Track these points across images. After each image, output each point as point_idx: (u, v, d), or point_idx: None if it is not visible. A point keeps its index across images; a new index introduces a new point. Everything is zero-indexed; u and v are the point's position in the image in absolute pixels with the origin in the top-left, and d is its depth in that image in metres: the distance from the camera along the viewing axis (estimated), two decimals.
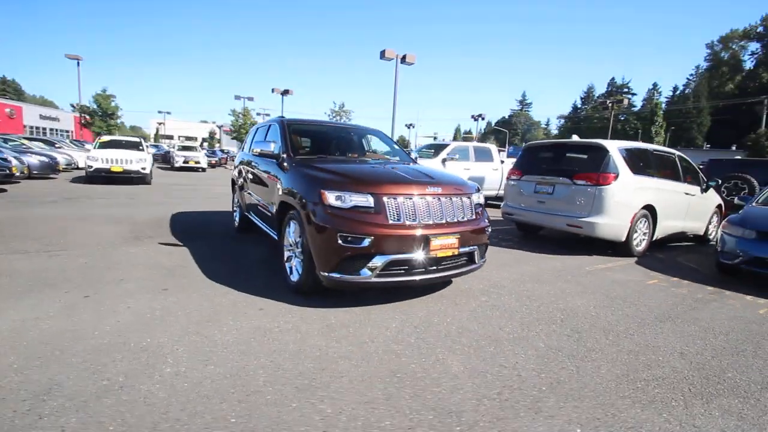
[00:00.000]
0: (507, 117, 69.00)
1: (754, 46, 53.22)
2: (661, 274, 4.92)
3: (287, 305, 3.22)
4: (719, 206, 7.41)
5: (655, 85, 65.25)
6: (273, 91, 28.01)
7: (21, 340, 2.42)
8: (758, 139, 37.25)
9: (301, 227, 3.26)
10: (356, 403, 2.00)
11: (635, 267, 5.23)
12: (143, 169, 12.08)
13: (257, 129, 5.71)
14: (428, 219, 3.16)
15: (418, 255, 3.09)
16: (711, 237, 7.31)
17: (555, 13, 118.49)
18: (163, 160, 24.82)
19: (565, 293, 3.97)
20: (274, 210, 3.91)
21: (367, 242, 2.94)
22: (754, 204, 5.22)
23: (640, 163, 5.82)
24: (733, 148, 42.61)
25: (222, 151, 33.05)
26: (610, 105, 30.07)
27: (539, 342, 2.83)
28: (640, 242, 5.80)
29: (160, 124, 57.69)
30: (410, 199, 3.13)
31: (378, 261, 2.99)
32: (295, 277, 3.49)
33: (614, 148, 5.62)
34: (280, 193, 3.76)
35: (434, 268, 3.23)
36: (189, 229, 6.08)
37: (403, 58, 17.78)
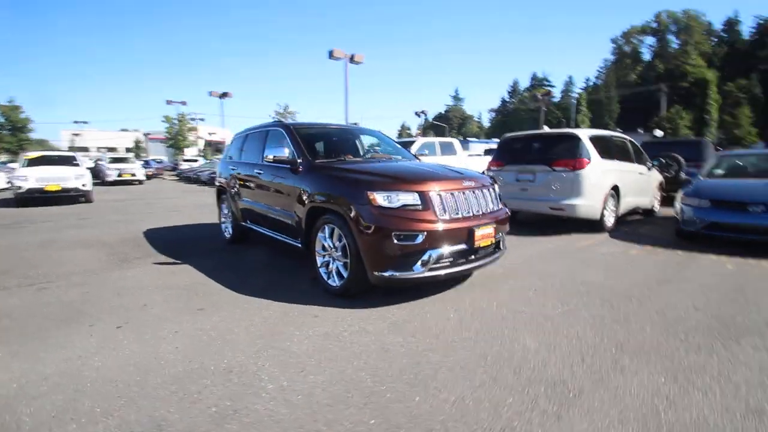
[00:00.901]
0: (443, 112, 71.83)
1: (650, 40, 60.64)
2: (637, 245, 5.57)
3: (336, 309, 3.20)
4: (660, 183, 8.49)
5: (570, 78, 71.55)
6: (210, 94, 26.46)
7: (81, 382, 2.19)
8: (660, 121, 42.57)
9: (345, 230, 3.25)
10: (471, 388, 2.11)
11: (612, 241, 5.85)
12: (83, 186, 10.90)
13: (246, 136, 5.48)
14: (468, 211, 3.33)
15: (464, 246, 3.25)
16: (656, 210, 8.36)
17: (478, 10, 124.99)
18: (92, 174, 22.42)
19: (573, 269, 4.36)
20: (300, 217, 3.82)
21: (420, 238, 3.03)
22: (701, 177, 6.09)
23: (604, 148, 6.50)
24: (639, 131, 48.28)
25: (155, 161, 30.51)
26: (541, 97, 32.54)
27: (583, 313, 3.13)
28: (609, 219, 6.49)
29: (75, 135, 51.61)
30: (451, 194, 3.27)
31: (430, 255, 3.10)
32: (335, 281, 3.47)
33: (585, 136, 6.22)
34: (306, 199, 3.69)
35: (473, 257, 3.41)
36: (174, 245, 5.66)
37: (352, 57, 17.80)
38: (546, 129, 7.44)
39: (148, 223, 7.69)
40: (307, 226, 3.76)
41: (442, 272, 3.19)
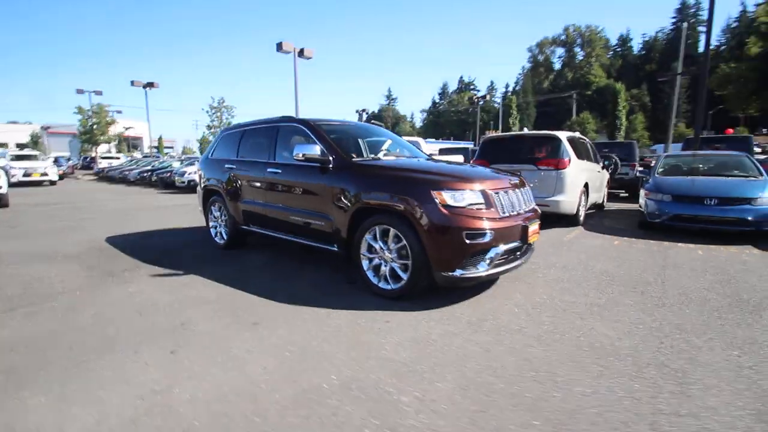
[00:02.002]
0: (377, 112, 72.63)
1: (560, 51, 67.44)
2: (615, 236, 6.20)
3: (401, 313, 3.11)
4: (608, 180, 9.56)
5: (492, 82, 76.78)
6: (133, 83, 23.61)
7: (184, 421, 1.86)
8: (571, 125, 47.56)
9: (407, 231, 3.17)
10: (593, 378, 2.20)
11: (591, 233, 6.45)
12: None
13: (243, 133, 5.05)
14: (519, 209, 3.45)
15: (518, 243, 3.36)
16: (604, 205, 9.40)
17: (412, 12, 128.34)
18: None
19: (581, 260, 4.73)
20: (337, 219, 3.63)
21: (488, 237, 3.07)
22: (657, 174, 6.97)
23: (576, 149, 7.13)
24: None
25: (63, 158, 26.38)
26: (476, 100, 34.44)
27: (624, 299, 3.42)
28: (581, 214, 7.14)
29: None
30: (505, 192, 3.36)
31: (494, 253, 3.16)
32: (388, 284, 3.37)
33: (564, 137, 6.76)
34: (350, 199, 3.52)
35: (519, 253, 3.55)
36: (158, 254, 5.02)
37: (301, 51, 17.21)
38: (525, 130, 7.91)
39: (101, 231, 6.71)
40: (348, 229, 3.59)
41: (501, 269, 3.27)
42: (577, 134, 7.75)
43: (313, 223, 3.93)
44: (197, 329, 2.85)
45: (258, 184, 4.56)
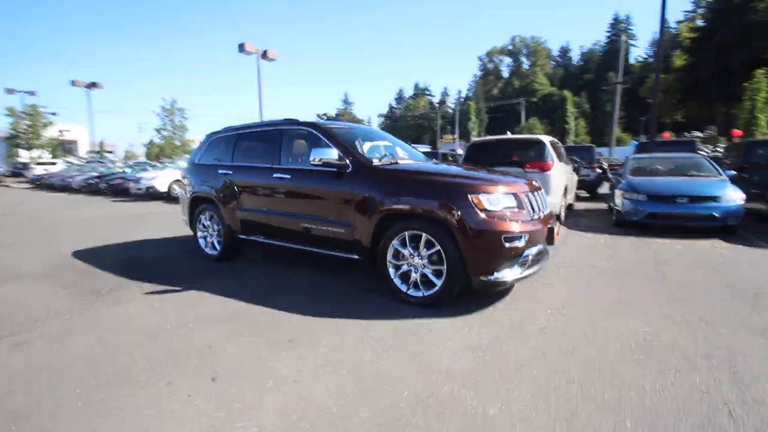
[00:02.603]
0: (335, 115, 72.14)
1: (508, 60, 70.94)
2: (598, 234, 6.53)
3: (438, 320, 3.02)
4: (576, 181, 10.10)
5: (445, 89, 79.11)
6: (73, 83, 21.51)
7: None
8: (521, 131, 50.07)
9: (442, 236, 3.09)
10: (651, 374, 2.24)
11: (575, 232, 6.74)
12: None
13: (239, 136, 4.74)
14: (542, 211, 3.50)
15: (545, 245, 3.41)
16: (573, 205, 9.93)
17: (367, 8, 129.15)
18: None
19: (581, 258, 4.91)
20: (360, 225, 3.47)
21: (523, 239, 3.08)
22: (628, 176, 7.45)
23: (557, 152, 7.45)
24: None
25: None
26: (436, 106, 35.18)
27: (640, 295, 3.57)
28: (562, 214, 7.47)
29: None
30: (532, 194, 3.40)
31: (527, 255, 3.17)
32: (419, 291, 3.27)
33: (547, 141, 7.04)
34: (375, 205, 3.38)
35: (543, 255, 3.59)
36: (143, 269, 4.55)
37: (264, 53, 16.66)
38: (509, 134, 8.15)
39: (64, 244, 6.00)
40: (373, 236, 3.45)
41: (531, 271, 3.29)
42: (554, 138, 8.12)
43: (329, 230, 3.74)
44: (228, 351, 2.58)
45: (261, 191, 4.28)
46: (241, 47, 15.91)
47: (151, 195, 12.97)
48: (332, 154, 3.61)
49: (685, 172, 7.21)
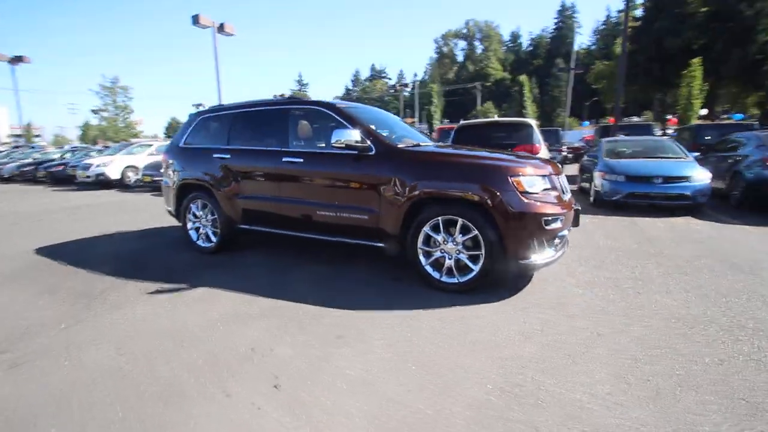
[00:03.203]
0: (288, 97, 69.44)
1: (462, 43, 71.67)
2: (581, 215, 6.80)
3: (481, 306, 2.97)
4: None
5: (401, 72, 78.72)
6: None
7: None
8: (477, 114, 51.27)
9: (480, 220, 3.01)
10: (702, 348, 2.35)
11: None
12: None
13: (234, 117, 4.33)
14: (569, 194, 3.53)
15: (572, 226, 3.45)
16: None
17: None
18: None
19: (582, 238, 5.07)
20: (395, 211, 3.29)
21: (560, 221, 3.09)
22: (605, 158, 7.80)
23: (540, 135, 7.63)
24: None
25: None
26: (399, 87, 34.88)
27: (653, 272, 3.75)
28: None
29: None
30: (557, 177, 3.40)
31: (561, 237, 3.20)
32: (454, 278, 3.20)
33: (534, 124, 7.17)
34: (406, 189, 3.23)
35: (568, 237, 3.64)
36: (126, 266, 4.09)
37: (221, 27, 15.47)
38: (495, 117, 8.19)
39: (22, 241, 5.29)
40: (404, 223, 3.31)
41: (560, 253, 3.33)
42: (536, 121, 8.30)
43: (351, 217, 3.54)
44: (276, 353, 2.37)
45: (267, 177, 3.95)
46: (196, 19, 14.62)
47: (101, 183, 11.76)
48: (354, 135, 3.38)
49: (655, 154, 7.68)
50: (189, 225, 4.63)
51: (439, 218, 3.19)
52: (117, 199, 9.88)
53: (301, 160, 3.75)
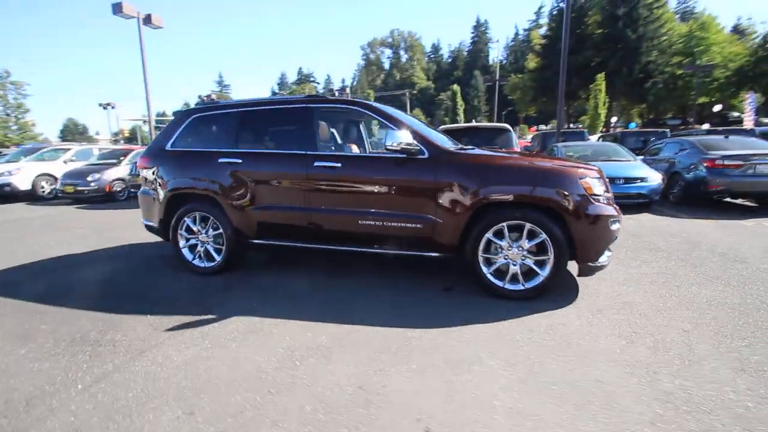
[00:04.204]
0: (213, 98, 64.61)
1: (388, 52, 73.52)
2: None
3: (553, 312, 2.90)
4: None
5: (329, 77, 78.27)
6: None
7: None
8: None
9: (551, 223, 2.94)
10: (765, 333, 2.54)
11: None
12: None
13: (241, 116, 3.75)
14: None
15: None
16: None
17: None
18: None
19: None
20: (456, 218, 3.08)
21: (619, 222, 3.14)
22: None
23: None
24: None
25: None
26: (337, 93, 34.24)
27: (663, 265, 4.02)
28: None
29: None
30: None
31: (615, 239, 3.26)
32: (518, 285, 3.09)
33: (510, 129, 7.44)
34: (470, 195, 3.04)
35: None
36: (111, 297, 3.31)
37: (148, 18, 13.79)
38: (474, 122, 8.33)
39: None
40: (464, 229, 3.11)
41: (612, 253, 3.38)
42: None
43: (403, 227, 3.24)
44: (392, 389, 2.01)
45: (294, 184, 3.47)
46: (118, 8, 12.79)
47: (5, 196, 9.63)
48: (407, 137, 3.11)
49: (608, 157, 8.47)
50: (182, 242, 3.90)
51: (504, 224, 3.06)
52: (36, 215, 8.15)
53: (339, 164, 3.35)
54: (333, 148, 3.49)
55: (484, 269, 3.15)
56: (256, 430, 1.73)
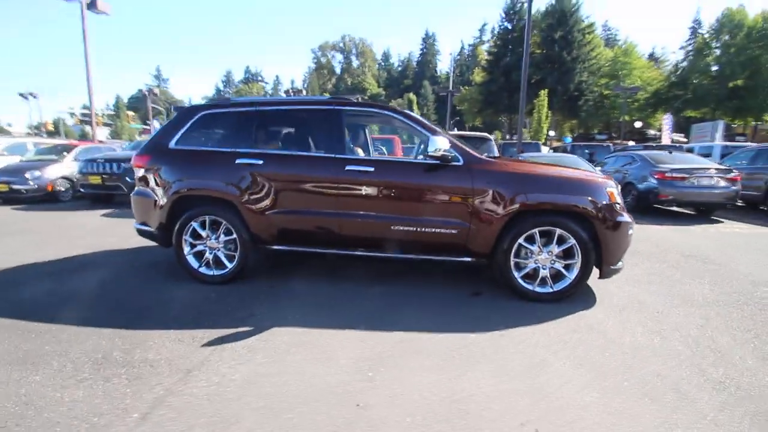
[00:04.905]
0: (147, 92, 59.53)
1: (339, 56, 73.31)
2: None
3: (583, 312, 3.08)
4: None
5: (277, 77, 76.24)
6: None
7: None
8: None
9: (580, 229, 3.11)
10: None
11: None
12: None
13: (263, 113, 3.55)
14: None
15: None
16: None
17: None
18: None
19: None
20: (490, 224, 3.16)
21: (632, 229, 3.40)
22: None
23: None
24: None
25: None
26: (292, 93, 33.39)
27: (655, 267, 4.44)
28: None
29: None
30: None
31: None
32: (547, 287, 3.24)
33: (491, 138, 7.76)
34: (506, 202, 3.13)
35: None
36: (117, 309, 2.95)
37: (92, 2, 12.53)
38: (455, 131, 8.54)
39: None
40: (498, 234, 3.20)
41: None
42: None
43: (437, 232, 3.25)
44: (486, 394, 2.01)
45: (323, 188, 3.33)
46: None
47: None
48: (445, 144, 3.15)
49: (568, 167, 9.12)
50: (186, 249, 3.57)
51: (536, 230, 3.19)
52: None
53: (372, 168, 3.29)
54: (361, 152, 3.42)
55: (516, 273, 3.26)
56: None
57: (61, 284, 3.57)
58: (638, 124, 38.80)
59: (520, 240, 3.21)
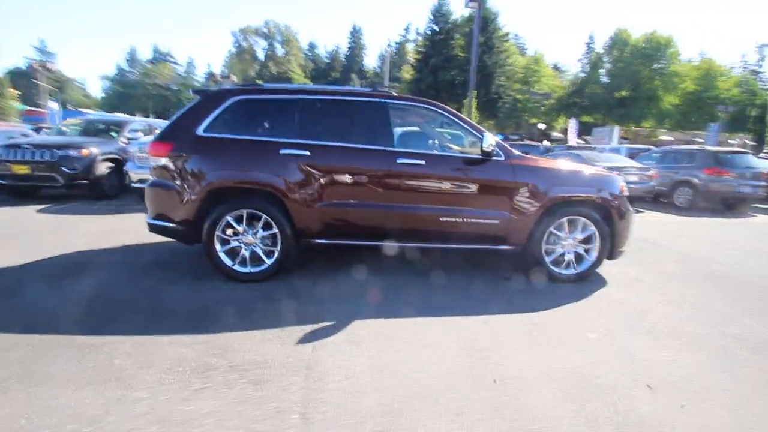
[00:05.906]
0: (25, 68, 49.84)
1: (263, 43, 69.37)
2: None
3: (607, 290, 3.55)
4: None
5: (191, 60, 69.82)
6: None
7: None
8: None
9: (600, 219, 3.57)
10: None
11: None
12: None
13: (303, 102, 3.40)
14: None
15: None
16: None
17: None
18: None
19: None
20: (528, 215, 3.47)
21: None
22: None
23: None
24: None
25: None
26: (221, 79, 30.72)
27: (646, 255, 5.19)
28: None
29: None
30: None
31: None
32: (570, 269, 3.66)
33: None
34: (542, 195, 3.46)
35: None
36: (151, 313, 2.68)
37: None
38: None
39: None
40: (532, 224, 3.53)
41: None
42: None
43: (482, 223, 3.47)
44: (583, 362, 2.28)
45: (374, 181, 3.33)
46: None
47: None
48: (493, 140, 3.38)
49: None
50: (218, 246, 3.30)
51: (565, 219, 3.59)
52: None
53: (423, 161, 3.38)
54: (404, 143, 3.49)
55: (547, 259, 3.63)
56: (530, 416, 1.80)
57: (69, 291, 3.06)
58: (542, 126, 43.50)
59: (552, 228, 3.58)
